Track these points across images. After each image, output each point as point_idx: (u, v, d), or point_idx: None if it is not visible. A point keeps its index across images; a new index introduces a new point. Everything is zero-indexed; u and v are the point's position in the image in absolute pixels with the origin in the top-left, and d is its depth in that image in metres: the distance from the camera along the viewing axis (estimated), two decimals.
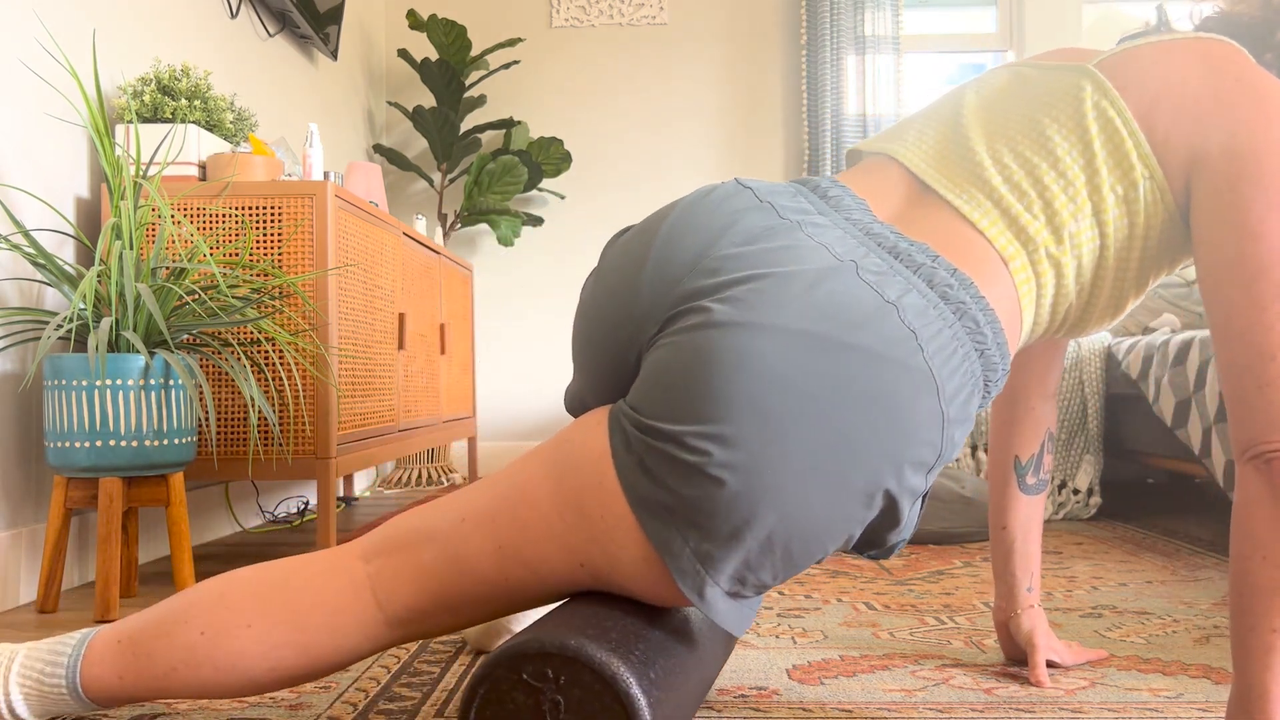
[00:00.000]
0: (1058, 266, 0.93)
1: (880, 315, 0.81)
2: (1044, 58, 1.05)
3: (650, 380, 0.84)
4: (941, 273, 0.87)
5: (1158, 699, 1.16)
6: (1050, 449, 1.28)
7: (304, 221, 2.01)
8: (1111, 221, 0.93)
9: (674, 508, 0.81)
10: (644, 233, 0.93)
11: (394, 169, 4.07)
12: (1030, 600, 1.28)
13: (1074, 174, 0.93)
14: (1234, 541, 0.86)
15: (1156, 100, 0.93)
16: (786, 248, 0.85)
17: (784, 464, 0.79)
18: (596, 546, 0.86)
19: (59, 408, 1.61)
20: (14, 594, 1.75)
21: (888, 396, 0.80)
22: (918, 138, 1.01)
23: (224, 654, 0.90)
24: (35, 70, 1.85)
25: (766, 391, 0.79)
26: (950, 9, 4.10)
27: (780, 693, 1.18)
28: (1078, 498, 2.67)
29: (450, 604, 0.91)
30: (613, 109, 4.01)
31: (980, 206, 0.93)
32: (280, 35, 3.00)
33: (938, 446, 0.84)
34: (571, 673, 0.79)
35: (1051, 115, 0.95)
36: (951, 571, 1.95)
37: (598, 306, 0.94)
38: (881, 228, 0.90)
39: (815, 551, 0.85)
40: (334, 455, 2.01)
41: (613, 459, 0.84)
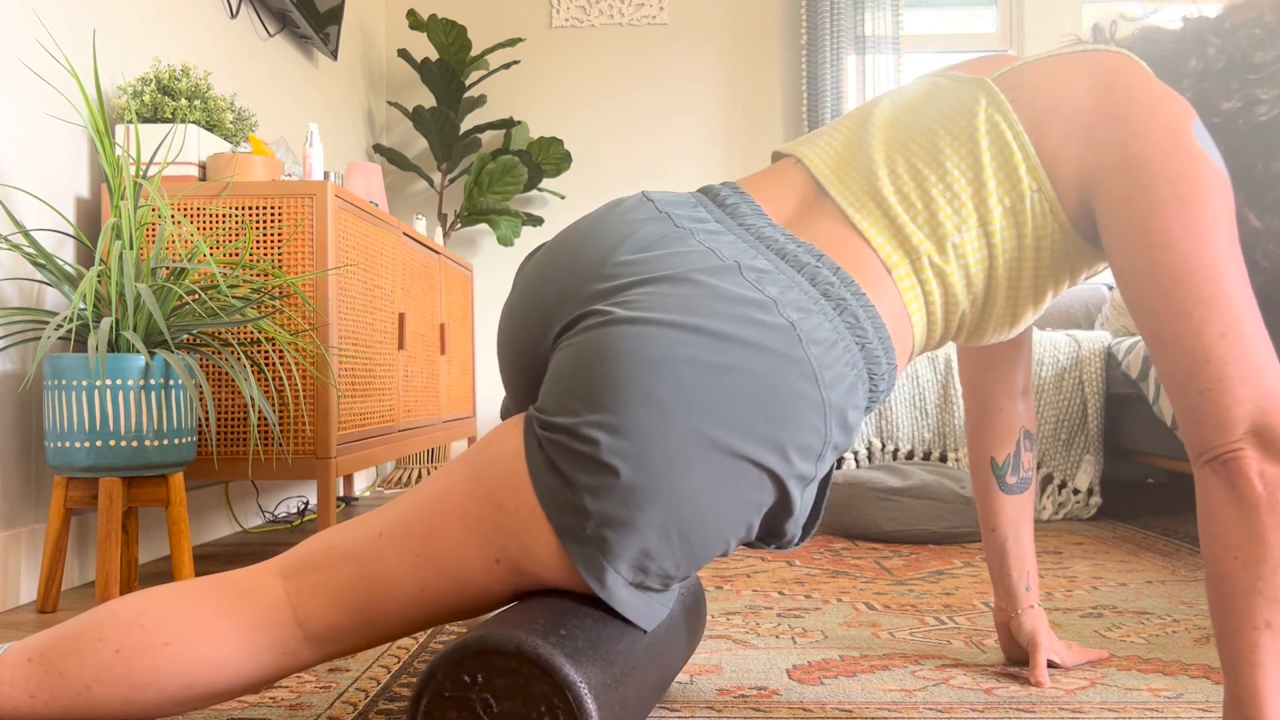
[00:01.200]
0: (942, 276, 0.96)
1: (761, 309, 0.86)
2: (960, 67, 1.08)
3: (551, 379, 0.89)
4: (824, 271, 0.91)
5: (1158, 699, 1.16)
6: (1028, 447, 1.29)
7: (304, 221, 2.01)
8: (998, 233, 0.96)
9: (575, 500, 0.85)
10: (552, 249, 0.99)
11: (394, 169, 4.07)
12: (1030, 600, 1.28)
13: (960, 186, 0.96)
14: (1205, 546, 0.87)
15: (1047, 114, 0.96)
16: (678, 253, 0.90)
17: (673, 450, 0.83)
18: (513, 540, 0.88)
19: (59, 408, 1.61)
20: (14, 594, 1.75)
21: (767, 383, 0.84)
22: (826, 143, 1.04)
23: (140, 672, 0.89)
24: (35, 70, 1.85)
25: (653, 380, 0.83)
26: (950, 9, 4.10)
27: (780, 693, 1.18)
28: (1078, 498, 2.67)
29: (370, 620, 0.92)
30: (613, 109, 4.01)
31: (868, 214, 0.96)
32: (280, 35, 3.00)
33: (822, 433, 0.87)
34: (484, 666, 0.80)
35: (946, 128, 0.98)
36: (951, 571, 1.95)
37: (512, 320, 0.99)
38: (773, 230, 0.95)
39: (714, 540, 0.87)
40: (334, 455, 2.01)
41: (525, 456, 0.88)
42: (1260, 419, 0.84)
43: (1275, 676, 0.83)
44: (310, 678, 1.25)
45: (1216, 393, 0.85)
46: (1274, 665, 0.83)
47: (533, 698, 0.79)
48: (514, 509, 0.87)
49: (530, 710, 0.79)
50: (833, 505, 2.42)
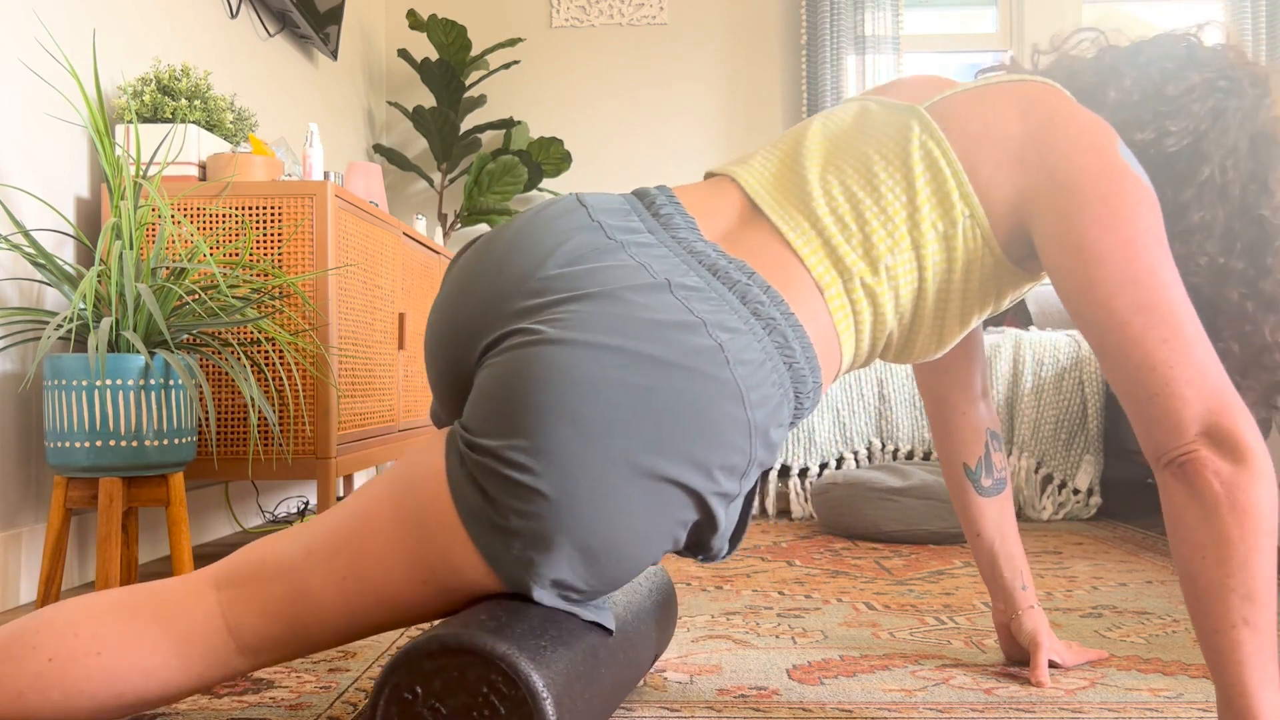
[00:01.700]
0: (873, 297, 0.97)
1: (688, 329, 0.86)
2: (888, 92, 1.10)
3: (476, 398, 0.89)
4: (755, 289, 0.91)
5: (1158, 699, 1.16)
6: (997, 448, 1.30)
7: (304, 221, 2.01)
8: (930, 256, 0.97)
9: (498, 520, 0.85)
10: (480, 253, 0.97)
11: (394, 169, 4.07)
12: (1028, 599, 1.28)
13: (895, 210, 0.97)
14: (1174, 551, 0.88)
15: (979, 142, 0.98)
16: (608, 268, 0.89)
17: (597, 473, 0.83)
18: (438, 560, 0.89)
19: (59, 408, 1.61)
20: (14, 594, 1.75)
21: (694, 405, 0.84)
22: (761, 163, 1.05)
23: (72, 680, 0.90)
24: (35, 70, 1.85)
25: (578, 402, 0.83)
26: (950, 9, 4.10)
27: (780, 693, 1.18)
28: (1078, 498, 2.67)
29: (300, 634, 0.93)
30: (613, 109, 4.01)
31: (803, 234, 0.97)
32: (280, 35, 3.00)
33: (747, 452, 0.88)
34: (417, 676, 0.81)
35: (881, 153, 0.99)
36: (951, 571, 1.95)
37: (439, 328, 0.98)
38: (704, 245, 0.95)
39: (640, 557, 0.89)
40: (334, 455, 2.01)
41: (447, 475, 0.88)
42: (1210, 419, 0.86)
43: (1261, 672, 0.83)
44: (310, 678, 1.26)
45: (1165, 397, 0.87)
46: (1258, 661, 0.83)
47: (472, 684, 0.80)
48: (438, 530, 0.88)
49: (474, 697, 0.80)
50: (833, 505, 2.42)
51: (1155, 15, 4.00)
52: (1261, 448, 0.85)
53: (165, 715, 1.11)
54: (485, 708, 0.80)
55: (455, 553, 0.88)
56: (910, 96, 1.07)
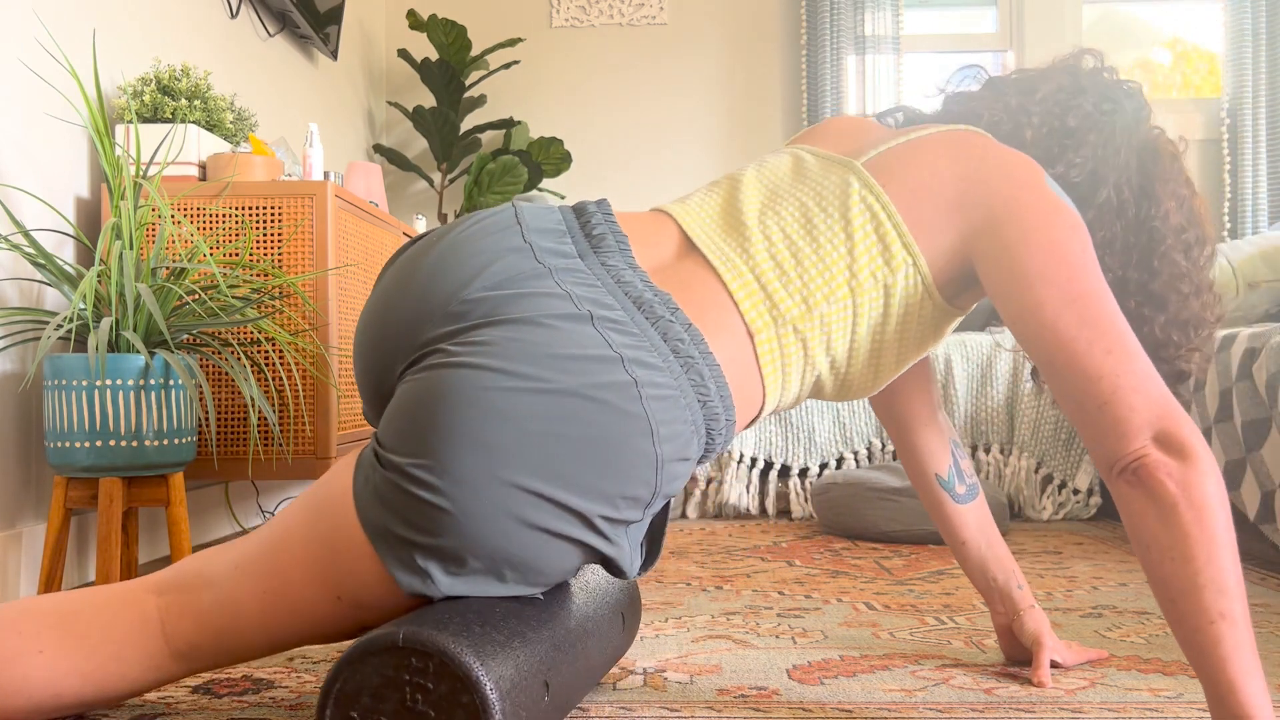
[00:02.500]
0: (804, 342, 1.00)
1: (605, 363, 0.88)
2: (819, 139, 1.14)
3: (392, 414, 0.91)
4: (677, 326, 0.93)
5: (1158, 699, 1.16)
6: (962, 455, 1.32)
7: (304, 221, 2.01)
8: (865, 305, 1.01)
9: (404, 534, 0.87)
10: (412, 262, 0.98)
11: (394, 169, 4.07)
12: (1027, 599, 1.29)
13: (833, 259, 1.01)
14: (1140, 557, 0.90)
15: (916, 193, 1.02)
16: (531, 294, 0.90)
17: (501, 493, 0.85)
18: (347, 576, 0.91)
19: (59, 408, 1.61)
20: (14, 594, 1.75)
21: (603, 438, 0.87)
22: (699, 204, 1.08)
23: (11, 679, 0.92)
24: (35, 70, 1.85)
25: (488, 427, 0.84)
26: (950, 9, 4.10)
27: (780, 693, 1.18)
28: (1078, 498, 2.67)
29: (227, 644, 0.96)
30: (613, 109, 4.01)
31: (739, 276, 1.00)
32: (280, 35, 3.00)
33: (652, 485, 0.91)
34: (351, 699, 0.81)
35: (820, 204, 1.03)
36: (951, 571, 1.95)
37: (364, 332, 1.00)
38: (632, 275, 0.96)
39: (545, 575, 0.91)
40: (334, 455, 2.01)
41: (354, 494, 0.90)
42: (1157, 424, 0.89)
43: (1244, 665, 0.84)
44: (310, 678, 1.26)
45: (1113, 405, 0.90)
46: (1239, 655, 0.84)
47: (399, 684, 0.80)
48: (347, 547, 0.90)
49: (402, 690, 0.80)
50: (833, 505, 2.42)
51: (1155, 15, 4.00)
52: (1205, 446, 0.89)
53: (165, 716, 1.11)
54: (416, 692, 0.80)
55: (363, 567, 0.90)
56: (841, 146, 1.11)
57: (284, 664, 1.32)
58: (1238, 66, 3.72)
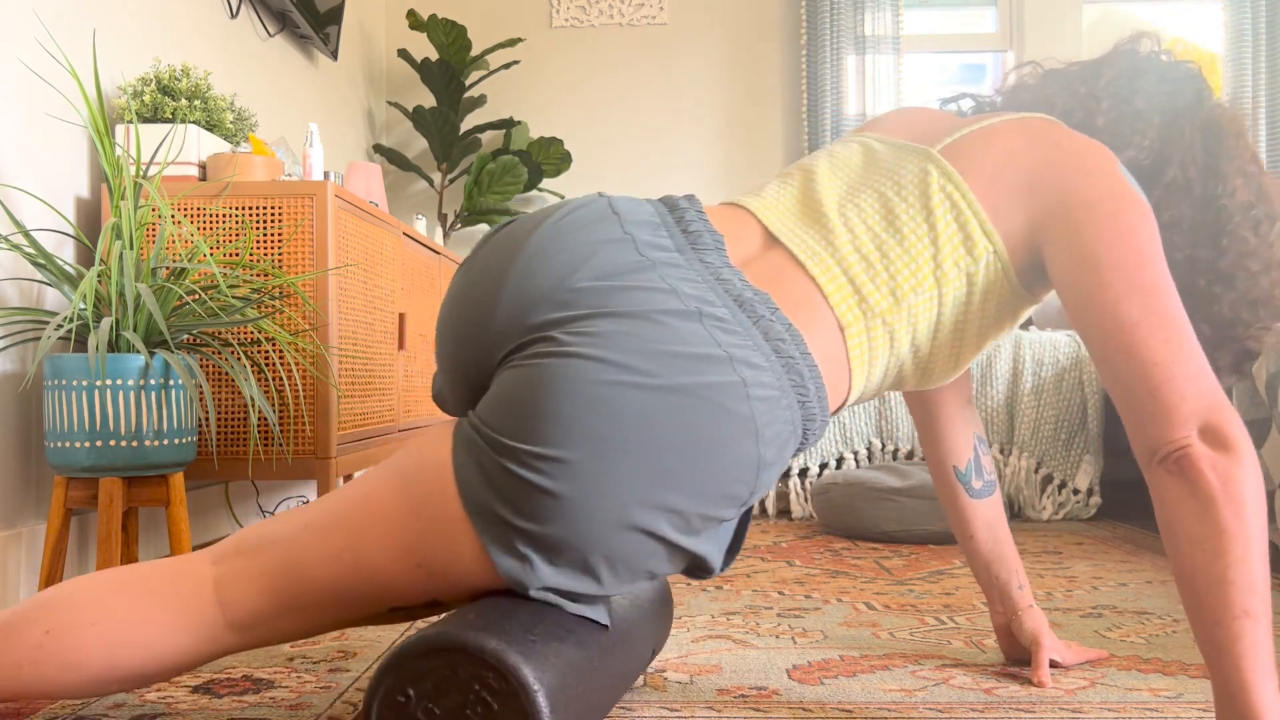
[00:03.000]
0: (891, 334, 1.01)
1: (714, 361, 0.87)
2: (892, 131, 1.13)
3: (499, 398, 0.90)
4: (777, 326, 0.93)
5: (1158, 699, 1.16)
6: (984, 450, 1.32)
7: (304, 221, 2.01)
8: (950, 295, 1.01)
9: (507, 517, 0.87)
10: (508, 247, 0.97)
11: (394, 169, 4.07)
12: (1026, 599, 1.29)
13: (919, 250, 1.00)
14: (1170, 547, 0.90)
15: (993, 180, 1.02)
16: (638, 288, 0.90)
17: (609, 487, 0.85)
18: (436, 549, 0.90)
19: (59, 408, 1.61)
20: (14, 594, 1.75)
21: (710, 437, 0.87)
22: (774, 196, 1.07)
23: (67, 651, 0.92)
24: (35, 70, 1.85)
25: (602, 421, 0.85)
26: (950, 9, 4.10)
27: (780, 693, 1.18)
28: (1078, 498, 2.67)
29: (290, 609, 0.94)
30: (613, 109, 4.01)
31: (827, 270, 0.99)
32: (280, 35, 3.00)
33: (751, 485, 0.91)
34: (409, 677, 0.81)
35: (900, 195, 1.03)
36: (951, 571, 1.95)
37: (458, 312, 0.99)
38: (731, 273, 0.96)
39: (639, 571, 0.91)
40: (334, 455, 2.01)
41: (453, 467, 0.89)
42: (1205, 416, 0.89)
43: (1260, 666, 0.84)
44: (310, 678, 1.26)
45: (1165, 392, 0.90)
46: (1257, 654, 0.84)
47: (463, 682, 0.80)
48: (440, 520, 0.89)
49: (466, 695, 0.80)
50: (833, 505, 2.42)
51: (1155, 15, 4.00)
52: (1249, 443, 0.89)
53: (165, 715, 1.11)
54: (478, 704, 0.80)
55: (455, 543, 0.89)
56: (911, 134, 1.11)
57: (284, 664, 1.32)
58: (1238, 66, 3.71)
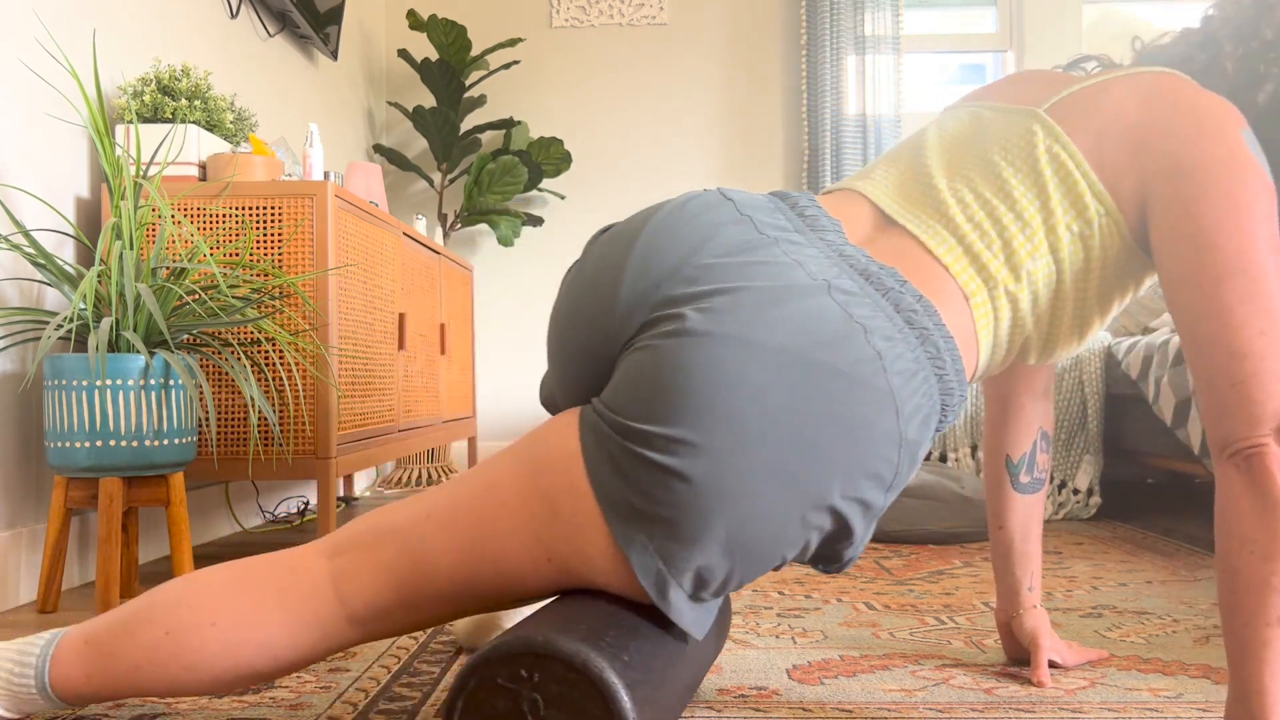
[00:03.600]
0: (1014, 302, 0.97)
1: (848, 335, 0.84)
2: (1001, 95, 1.09)
3: (626, 381, 0.87)
4: (908, 298, 0.90)
5: (1158, 699, 1.16)
6: (1045, 448, 1.29)
7: (304, 221, 2.01)
8: (1067, 258, 0.97)
9: (641, 507, 0.83)
10: (625, 235, 0.95)
11: (394, 169, 4.07)
12: (1032, 600, 1.28)
13: (1030, 215, 0.97)
14: (1220, 540, 0.88)
15: (1101, 137, 0.98)
16: (764, 263, 0.87)
17: (749, 469, 0.82)
18: (565, 543, 0.87)
19: (59, 408, 1.61)
20: (14, 594, 1.75)
21: (850, 413, 0.83)
22: (883, 176, 1.05)
23: (187, 652, 0.92)
24: (35, 70, 1.85)
25: (737, 399, 0.81)
26: (950, 9, 4.10)
27: (780, 693, 1.18)
28: (1078, 498, 2.67)
29: (412, 601, 0.92)
30: (613, 109, 4.01)
31: (944, 242, 0.96)
32: (280, 35, 3.00)
33: (894, 464, 0.87)
34: (544, 668, 0.79)
35: (1008, 159, 0.99)
36: (951, 571, 1.95)
37: (575, 304, 0.96)
38: (854, 250, 0.93)
39: (773, 558, 0.87)
40: (334, 455, 2.01)
41: (584, 458, 0.86)
42: None
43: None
44: (310, 678, 1.26)
45: (1250, 386, 0.87)
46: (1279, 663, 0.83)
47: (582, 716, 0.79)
48: (570, 512, 0.86)
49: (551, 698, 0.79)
50: None
51: (1155, 15, 4.00)
52: None
53: (166, 715, 1.11)
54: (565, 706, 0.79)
55: (586, 537, 0.86)
56: (1021, 97, 1.06)
57: None
58: None
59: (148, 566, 2.09)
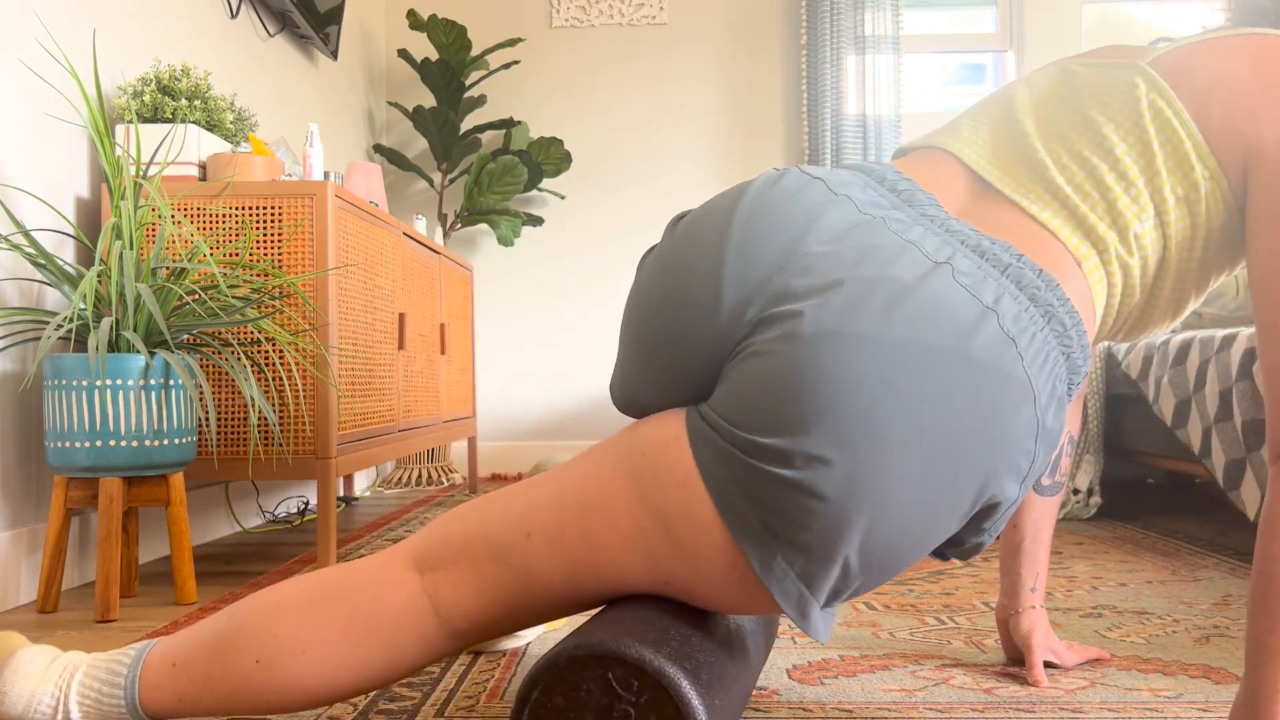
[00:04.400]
0: (1125, 268, 0.91)
1: (981, 322, 0.79)
2: (1093, 55, 1.02)
3: (746, 390, 0.80)
4: (1028, 274, 0.84)
5: (1158, 699, 1.16)
6: (1069, 452, 1.26)
7: (304, 221, 2.01)
8: (1174, 223, 0.91)
9: (775, 527, 0.79)
10: (713, 219, 0.87)
11: (394, 169, 4.07)
12: (1032, 600, 1.28)
13: (1134, 175, 0.90)
14: (1263, 545, 0.84)
15: (1209, 96, 0.91)
16: (876, 246, 0.81)
17: (890, 475, 0.77)
18: (686, 565, 0.83)
19: (59, 408, 1.61)
20: (14, 594, 1.75)
21: (991, 406, 0.78)
22: (971, 134, 0.98)
23: (284, 680, 0.90)
24: (35, 70, 1.85)
25: (875, 405, 0.76)
26: (950, 9, 4.10)
27: (780, 693, 1.18)
28: (1078, 498, 2.67)
29: (516, 614, 0.90)
30: (613, 109, 4.01)
31: (1048, 207, 0.90)
32: (280, 35, 3.00)
33: (1032, 455, 0.82)
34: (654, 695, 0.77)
35: (1107, 114, 0.92)
36: (951, 571, 1.95)
37: (664, 296, 0.88)
38: (959, 225, 0.86)
39: (910, 560, 0.83)
40: (334, 455, 2.01)
41: (703, 478, 0.81)
42: None
43: None
44: None
45: None
46: None
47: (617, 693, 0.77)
48: (690, 538, 0.82)
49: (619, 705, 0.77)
50: None
51: (1155, 15, 4.00)
52: None
53: None
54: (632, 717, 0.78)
55: (710, 560, 0.82)
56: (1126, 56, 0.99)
57: None
58: None
59: (148, 566, 2.09)
